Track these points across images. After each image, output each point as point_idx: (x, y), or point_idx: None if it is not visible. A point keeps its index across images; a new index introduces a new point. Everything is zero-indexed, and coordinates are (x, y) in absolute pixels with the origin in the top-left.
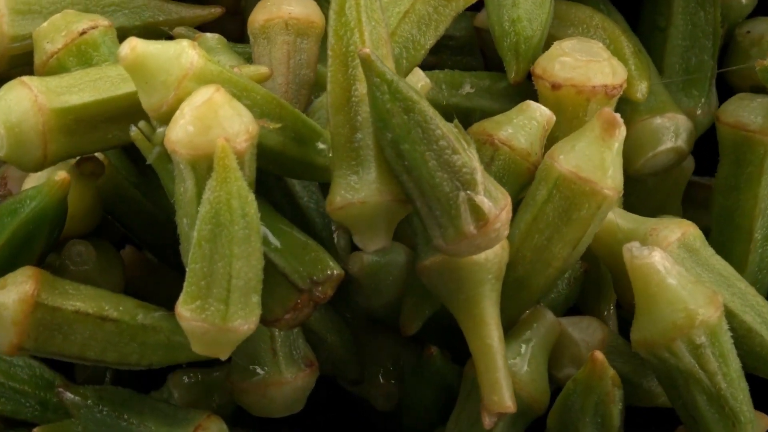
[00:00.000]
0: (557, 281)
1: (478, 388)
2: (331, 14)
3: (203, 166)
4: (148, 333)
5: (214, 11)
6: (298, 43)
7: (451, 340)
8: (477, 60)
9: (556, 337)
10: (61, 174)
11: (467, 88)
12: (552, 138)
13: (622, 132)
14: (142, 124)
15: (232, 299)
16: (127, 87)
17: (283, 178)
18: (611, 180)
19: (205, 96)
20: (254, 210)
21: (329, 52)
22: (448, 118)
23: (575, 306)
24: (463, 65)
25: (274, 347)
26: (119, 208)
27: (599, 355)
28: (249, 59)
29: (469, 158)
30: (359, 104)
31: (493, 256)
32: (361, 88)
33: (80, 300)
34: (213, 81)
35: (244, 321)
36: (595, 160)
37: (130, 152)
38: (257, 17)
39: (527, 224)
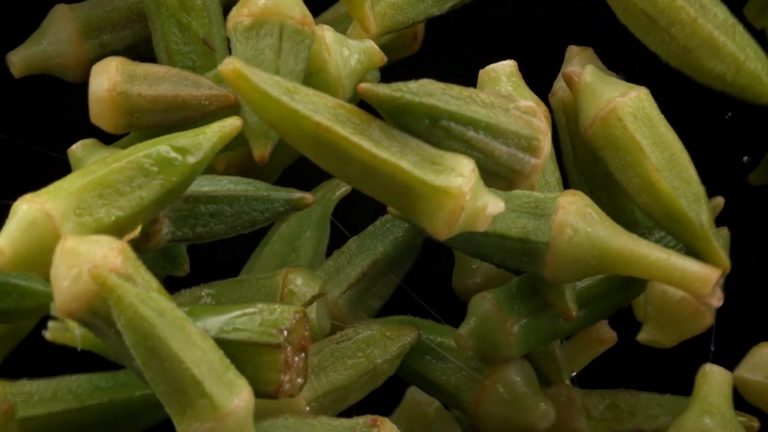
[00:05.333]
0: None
1: None
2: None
3: (101, 307)
4: None
5: None
6: (134, 79)
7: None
8: None
9: (731, 382)
10: None
11: None
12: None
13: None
14: (52, 323)
15: (209, 388)
16: None
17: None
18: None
19: (59, 250)
20: (164, 301)
21: (300, 130)
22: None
23: None
24: None
25: None
26: None
27: None
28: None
29: (478, 90)
30: (373, 125)
31: (578, 210)
32: (357, 120)
33: None
34: (77, 210)
35: (237, 398)
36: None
37: None
38: (102, 120)
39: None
